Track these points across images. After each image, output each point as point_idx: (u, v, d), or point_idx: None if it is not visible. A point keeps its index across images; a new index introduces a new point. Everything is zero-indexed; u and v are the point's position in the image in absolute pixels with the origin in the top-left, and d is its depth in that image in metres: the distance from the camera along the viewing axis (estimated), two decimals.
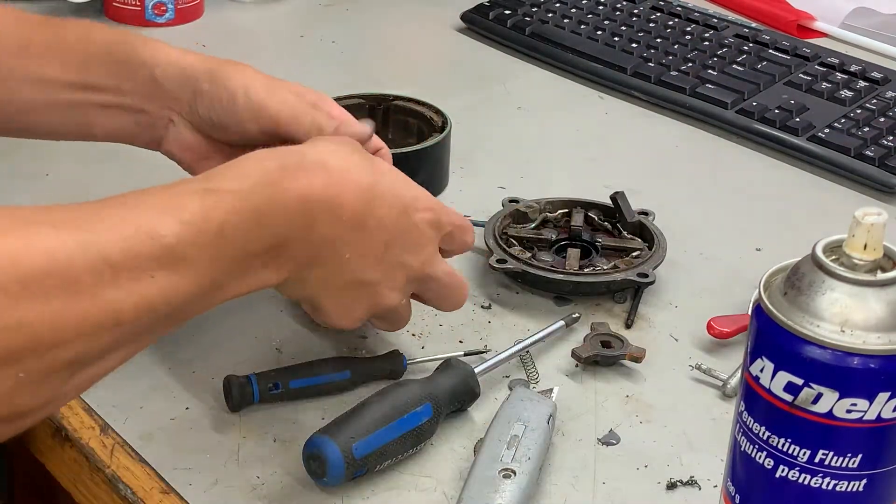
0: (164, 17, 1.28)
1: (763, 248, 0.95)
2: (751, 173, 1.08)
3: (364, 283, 0.70)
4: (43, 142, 1.01)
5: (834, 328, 0.53)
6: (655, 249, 0.88)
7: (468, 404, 0.75)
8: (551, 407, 0.73)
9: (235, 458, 0.71)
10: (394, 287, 0.71)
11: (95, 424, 0.74)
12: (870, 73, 1.18)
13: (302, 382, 0.75)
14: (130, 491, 0.69)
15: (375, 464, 0.69)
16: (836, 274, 0.54)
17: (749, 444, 0.58)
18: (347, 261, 0.68)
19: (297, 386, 0.75)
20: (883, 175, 1.03)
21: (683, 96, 1.15)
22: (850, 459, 0.55)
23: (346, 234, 0.67)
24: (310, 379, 0.75)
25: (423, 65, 1.30)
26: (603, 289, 0.86)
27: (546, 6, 1.31)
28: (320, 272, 0.68)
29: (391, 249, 0.70)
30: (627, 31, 1.26)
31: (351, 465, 0.67)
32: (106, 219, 0.58)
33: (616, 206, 0.92)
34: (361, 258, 0.69)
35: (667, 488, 0.71)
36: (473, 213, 0.96)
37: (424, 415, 0.71)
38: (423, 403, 0.71)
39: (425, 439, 0.72)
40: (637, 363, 0.79)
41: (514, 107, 1.17)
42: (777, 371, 0.55)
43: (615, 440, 0.74)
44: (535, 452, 0.69)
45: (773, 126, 1.10)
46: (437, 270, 0.74)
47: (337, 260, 0.68)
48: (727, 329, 0.82)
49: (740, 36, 1.25)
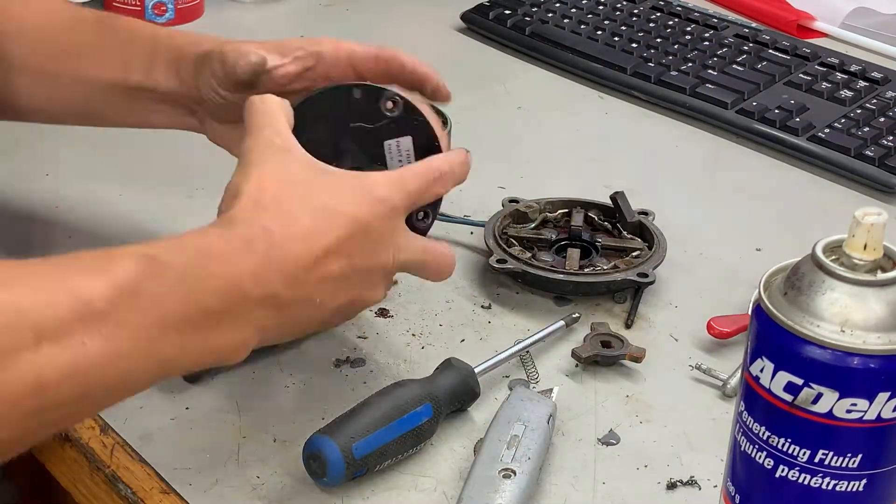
0: (164, 17, 1.28)
1: (763, 248, 0.95)
2: (751, 173, 1.07)
3: (343, 306, 0.69)
4: (43, 142, 1.01)
5: (834, 328, 0.53)
6: (655, 249, 0.88)
7: (468, 404, 0.75)
8: (551, 407, 0.73)
9: (235, 458, 0.71)
10: (374, 287, 0.71)
11: (95, 424, 0.74)
12: (870, 73, 1.18)
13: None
14: (130, 491, 0.69)
15: (375, 464, 0.69)
16: (836, 274, 0.54)
17: (749, 444, 0.58)
18: (317, 304, 0.66)
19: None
20: (883, 175, 1.03)
21: (683, 96, 1.15)
22: (850, 459, 0.55)
23: (299, 297, 0.65)
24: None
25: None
26: (603, 289, 0.86)
27: (546, 6, 1.31)
28: (292, 319, 0.66)
29: (356, 267, 0.68)
30: (627, 31, 1.26)
31: (351, 465, 0.67)
32: (30, 277, 0.55)
33: (616, 206, 0.92)
34: (331, 294, 0.67)
35: (667, 488, 0.71)
36: (473, 213, 0.96)
37: (424, 415, 0.71)
38: (423, 403, 0.71)
39: (425, 439, 0.72)
40: (637, 363, 0.79)
41: (514, 107, 1.17)
42: (777, 371, 0.55)
43: (615, 440, 0.74)
44: (535, 452, 0.69)
45: (773, 126, 1.10)
46: (411, 254, 0.72)
47: (303, 307, 0.66)
48: (727, 329, 0.82)
49: (740, 36, 1.25)
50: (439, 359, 0.76)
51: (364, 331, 0.83)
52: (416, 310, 0.85)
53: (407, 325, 0.83)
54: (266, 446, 0.72)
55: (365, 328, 0.83)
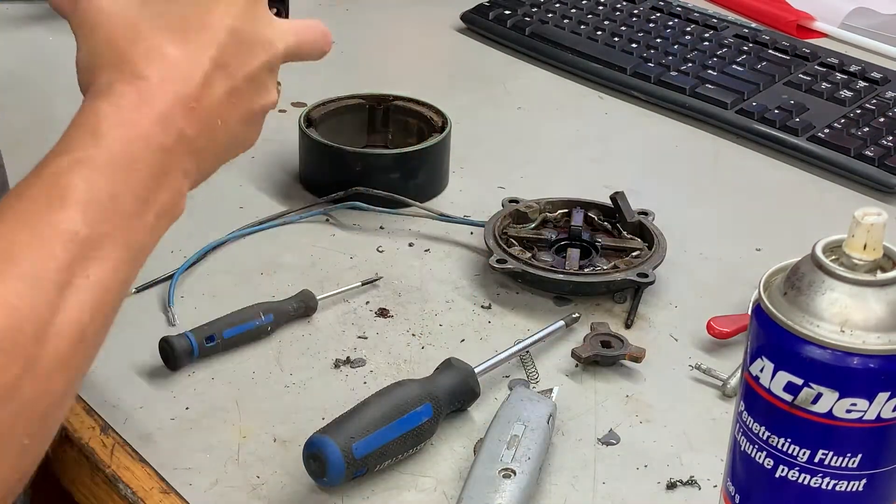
0: None
1: (763, 248, 0.95)
2: (751, 173, 1.08)
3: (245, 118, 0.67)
4: (43, 142, 1.01)
5: (834, 328, 0.53)
6: (655, 249, 0.88)
7: (468, 404, 0.75)
8: (551, 407, 0.73)
9: (235, 458, 0.71)
10: (265, 90, 0.67)
11: (95, 424, 0.74)
12: (869, 73, 1.18)
13: (234, 331, 0.80)
14: (130, 491, 0.69)
15: (375, 463, 0.69)
16: (836, 274, 0.54)
17: (749, 443, 0.58)
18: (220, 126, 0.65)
19: (230, 335, 0.80)
20: (883, 175, 1.03)
21: (683, 96, 1.15)
22: (849, 459, 0.55)
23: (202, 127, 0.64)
24: (240, 327, 0.80)
25: (423, 65, 1.30)
26: (603, 289, 0.86)
27: (546, 6, 1.31)
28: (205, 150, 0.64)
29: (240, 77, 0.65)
30: (627, 31, 1.26)
31: (351, 465, 0.67)
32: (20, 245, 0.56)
33: (616, 206, 0.92)
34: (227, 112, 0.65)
35: (667, 488, 0.71)
36: (473, 213, 0.96)
37: (424, 414, 0.71)
38: (423, 403, 0.71)
39: (425, 439, 0.72)
40: (637, 363, 0.79)
41: (514, 107, 1.17)
42: (777, 371, 0.55)
43: (615, 440, 0.74)
44: (535, 452, 0.69)
45: (772, 126, 1.10)
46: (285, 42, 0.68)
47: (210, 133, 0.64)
48: (727, 329, 0.82)
49: (740, 36, 1.25)
50: (439, 359, 0.76)
51: (364, 331, 0.83)
52: (416, 310, 0.85)
53: (407, 325, 0.84)
54: (266, 446, 0.72)
55: (365, 328, 0.83)
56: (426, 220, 0.95)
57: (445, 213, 0.95)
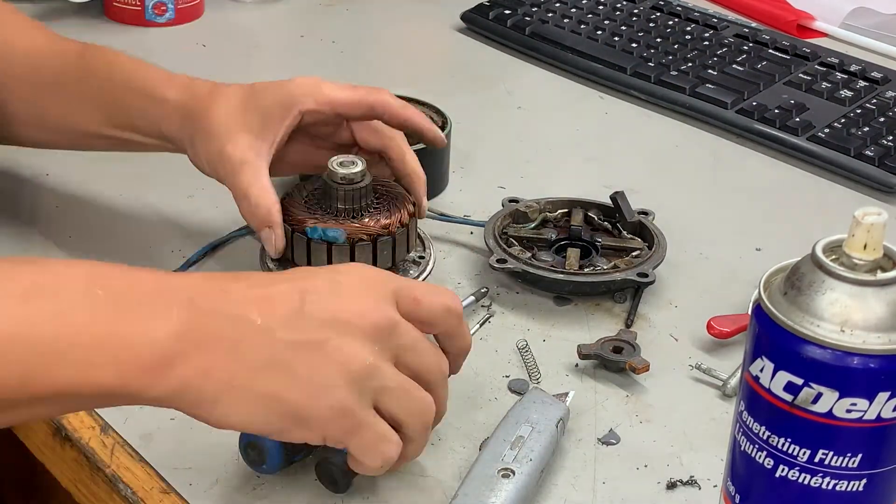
0: (164, 16, 1.28)
1: (763, 248, 0.95)
2: (751, 173, 1.08)
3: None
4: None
5: (834, 328, 0.53)
6: (655, 249, 0.88)
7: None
8: (563, 411, 0.72)
9: (235, 458, 0.71)
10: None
11: (95, 424, 0.74)
12: (870, 73, 1.18)
13: None
14: (130, 491, 0.69)
15: (313, 446, 0.66)
16: (836, 274, 0.54)
17: (749, 443, 0.58)
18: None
19: None
20: (883, 175, 1.03)
21: (683, 96, 1.15)
22: (849, 459, 0.55)
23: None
24: None
25: (423, 65, 1.30)
26: (603, 289, 0.86)
27: (546, 6, 1.31)
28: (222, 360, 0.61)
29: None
30: (627, 31, 1.26)
31: (288, 450, 0.67)
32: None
33: (616, 206, 0.92)
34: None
35: (667, 488, 0.71)
36: (473, 213, 0.96)
37: None
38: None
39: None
40: (636, 374, 0.79)
41: (514, 107, 1.17)
42: (777, 371, 0.55)
43: (615, 440, 0.74)
44: (538, 454, 0.68)
45: (772, 126, 1.10)
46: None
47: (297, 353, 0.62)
48: (727, 329, 0.82)
49: (740, 36, 1.25)
50: None
51: None
52: None
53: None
54: None
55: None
56: (426, 220, 0.95)
57: (445, 213, 0.95)
